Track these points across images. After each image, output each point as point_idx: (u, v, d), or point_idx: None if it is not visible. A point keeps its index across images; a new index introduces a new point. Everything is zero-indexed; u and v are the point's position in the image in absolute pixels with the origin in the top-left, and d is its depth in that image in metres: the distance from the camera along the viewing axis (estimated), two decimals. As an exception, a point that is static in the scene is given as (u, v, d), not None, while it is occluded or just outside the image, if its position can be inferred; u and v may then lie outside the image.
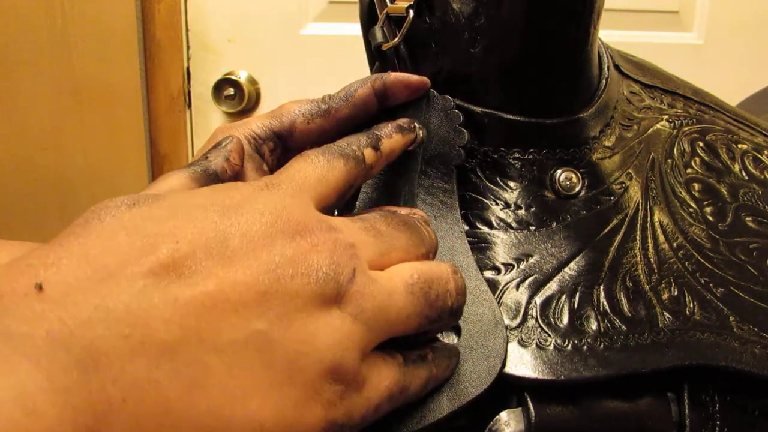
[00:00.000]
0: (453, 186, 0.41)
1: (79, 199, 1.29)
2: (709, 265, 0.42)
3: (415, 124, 0.41)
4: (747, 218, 0.46)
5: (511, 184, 0.42)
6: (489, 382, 0.36)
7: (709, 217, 0.45)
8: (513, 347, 0.37)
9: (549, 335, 0.38)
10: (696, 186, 0.46)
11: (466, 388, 0.36)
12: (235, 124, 0.41)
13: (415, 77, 0.42)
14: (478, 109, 0.42)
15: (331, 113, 0.41)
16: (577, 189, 0.43)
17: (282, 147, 0.42)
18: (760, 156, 0.50)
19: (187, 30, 1.26)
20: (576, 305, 0.39)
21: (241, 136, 0.40)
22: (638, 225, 0.42)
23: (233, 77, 1.27)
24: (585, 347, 0.37)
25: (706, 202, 0.45)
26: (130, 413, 0.24)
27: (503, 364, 0.37)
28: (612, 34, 1.17)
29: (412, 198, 0.41)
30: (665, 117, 0.49)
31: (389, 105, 0.42)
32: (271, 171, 0.42)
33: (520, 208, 0.42)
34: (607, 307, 0.39)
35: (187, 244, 0.27)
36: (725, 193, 0.47)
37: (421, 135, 0.42)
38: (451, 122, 0.41)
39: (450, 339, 0.38)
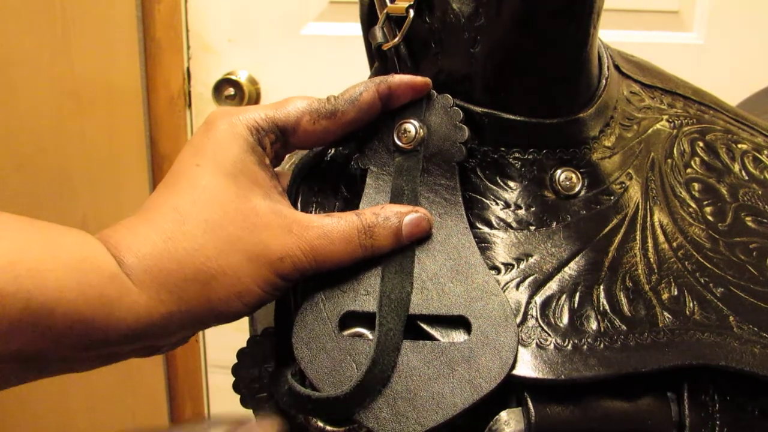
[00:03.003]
0: (456, 183, 0.41)
1: (79, 199, 1.29)
2: (709, 265, 0.42)
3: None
4: (747, 218, 0.46)
5: (511, 184, 0.42)
6: (502, 376, 0.36)
7: (709, 217, 0.45)
8: None
9: (549, 335, 0.38)
10: (696, 186, 0.46)
11: (479, 384, 0.36)
12: (235, 110, 0.40)
13: (419, 79, 0.41)
14: (478, 109, 0.42)
15: (337, 116, 0.41)
16: (577, 189, 0.43)
17: (282, 141, 0.41)
18: (760, 156, 0.50)
19: (187, 30, 1.26)
20: (576, 305, 0.39)
21: (243, 125, 0.40)
22: (638, 225, 0.43)
23: (233, 77, 1.27)
24: (585, 347, 0.37)
25: (706, 202, 0.45)
26: None
27: (515, 358, 0.37)
28: (612, 34, 1.17)
29: (415, 197, 0.41)
30: (665, 117, 0.49)
31: (393, 107, 0.42)
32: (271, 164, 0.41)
33: (520, 207, 0.42)
34: (607, 307, 0.39)
35: None
36: (725, 193, 0.47)
37: (421, 134, 0.42)
38: (451, 119, 0.41)
39: (460, 335, 0.38)
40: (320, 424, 0.38)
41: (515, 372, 0.37)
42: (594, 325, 0.38)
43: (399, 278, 0.39)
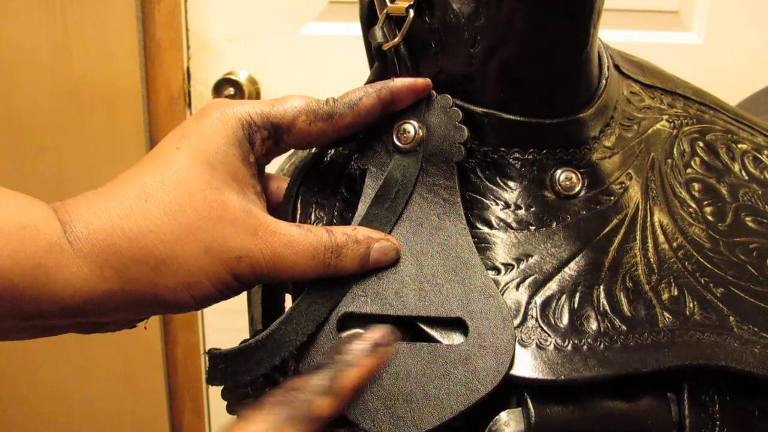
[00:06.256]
0: (454, 182, 0.41)
1: (79, 199, 1.28)
2: (709, 265, 0.42)
3: (393, 334, 0.37)
4: (747, 218, 0.46)
5: (511, 184, 0.42)
6: (499, 378, 0.36)
7: (709, 217, 0.45)
8: None
9: (549, 335, 0.38)
10: (696, 186, 0.46)
11: (476, 386, 0.36)
12: (231, 102, 0.40)
13: (420, 81, 0.41)
14: (478, 109, 0.42)
15: (335, 119, 0.40)
16: (577, 189, 0.43)
17: (275, 139, 0.40)
18: (760, 156, 0.50)
19: (187, 30, 1.26)
20: (576, 305, 0.39)
21: (235, 117, 0.39)
22: (638, 225, 0.42)
23: (233, 77, 1.27)
24: (585, 347, 0.37)
25: (706, 202, 0.45)
26: None
27: (512, 361, 0.37)
28: (612, 34, 1.17)
29: (407, 192, 0.41)
30: (665, 117, 0.49)
31: (394, 110, 0.42)
32: (258, 162, 0.41)
33: (520, 208, 0.42)
34: (607, 307, 0.39)
35: None
36: (725, 193, 0.47)
37: (420, 134, 0.42)
38: (450, 119, 0.41)
39: (457, 337, 0.38)
40: (320, 424, 0.38)
41: (515, 372, 0.37)
42: (594, 326, 0.38)
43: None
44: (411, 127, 0.42)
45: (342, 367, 0.34)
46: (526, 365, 0.37)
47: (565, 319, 0.38)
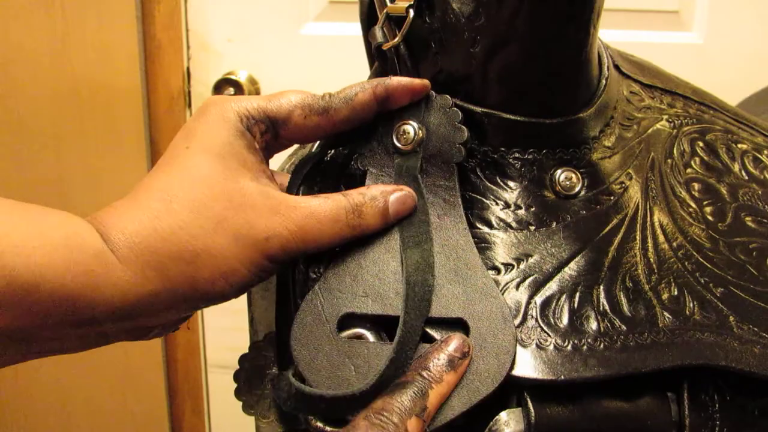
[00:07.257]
0: (455, 183, 0.41)
1: (79, 199, 1.28)
2: (709, 265, 0.42)
3: (470, 344, 0.37)
4: (747, 218, 0.46)
5: (511, 184, 0.42)
6: (500, 379, 0.36)
7: (709, 217, 0.45)
8: None
9: (549, 335, 0.38)
10: (696, 186, 0.46)
11: (477, 387, 0.36)
12: (229, 98, 0.41)
13: (417, 81, 0.41)
14: (478, 109, 0.42)
15: (330, 113, 0.41)
16: (577, 189, 0.43)
17: (272, 133, 0.41)
18: (759, 156, 0.50)
19: (187, 30, 1.26)
20: (576, 305, 0.39)
21: (233, 111, 0.40)
22: (638, 225, 0.42)
23: (233, 77, 1.27)
24: (585, 347, 0.37)
25: (705, 202, 0.45)
26: None
27: (513, 361, 0.37)
28: (612, 34, 1.16)
29: (419, 196, 0.41)
30: (665, 117, 0.49)
31: (390, 109, 0.42)
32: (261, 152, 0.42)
33: (520, 208, 0.42)
34: (607, 307, 0.39)
35: None
36: (725, 192, 0.47)
37: (420, 135, 0.42)
38: (450, 120, 0.41)
39: None
40: (320, 424, 0.38)
41: (515, 372, 0.37)
42: (594, 326, 0.38)
43: (422, 274, 0.39)
44: (411, 128, 0.42)
45: (427, 385, 0.35)
46: (526, 365, 0.37)
47: (565, 319, 0.38)
